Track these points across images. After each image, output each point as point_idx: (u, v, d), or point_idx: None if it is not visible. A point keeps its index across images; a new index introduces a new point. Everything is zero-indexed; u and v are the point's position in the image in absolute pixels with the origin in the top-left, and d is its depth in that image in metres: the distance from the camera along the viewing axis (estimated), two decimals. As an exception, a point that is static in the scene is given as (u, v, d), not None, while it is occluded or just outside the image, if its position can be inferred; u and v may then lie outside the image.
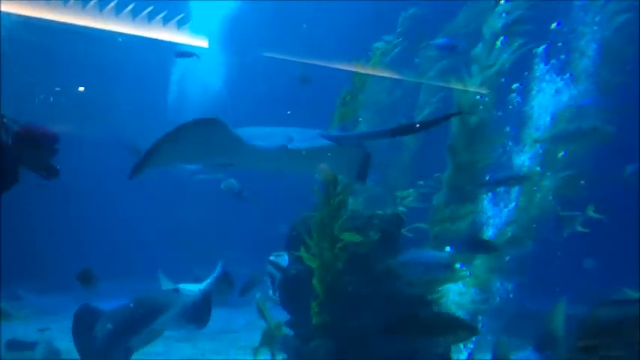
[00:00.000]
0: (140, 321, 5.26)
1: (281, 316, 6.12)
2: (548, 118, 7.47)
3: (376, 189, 7.99)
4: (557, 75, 7.87)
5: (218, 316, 6.63)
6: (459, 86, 6.64)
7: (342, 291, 5.11)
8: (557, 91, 7.76)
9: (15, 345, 8.13)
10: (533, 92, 7.70)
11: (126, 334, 5.21)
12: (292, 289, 5.66)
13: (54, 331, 8.53)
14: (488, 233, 6.53)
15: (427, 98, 9.48)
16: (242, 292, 5.95)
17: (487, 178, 6.22)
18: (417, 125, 5.08)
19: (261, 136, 4.56)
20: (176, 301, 5.44)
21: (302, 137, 4.62)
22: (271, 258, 5.82)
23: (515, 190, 6.94)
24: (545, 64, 7.82)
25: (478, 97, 6.45)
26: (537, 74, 7.80)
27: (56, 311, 12.39)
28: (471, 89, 6.58)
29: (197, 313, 5.30)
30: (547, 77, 7.87)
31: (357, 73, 5.35)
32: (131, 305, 5.39)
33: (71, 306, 13.12)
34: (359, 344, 5.04)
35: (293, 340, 6.08)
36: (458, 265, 5.63)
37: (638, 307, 2.32)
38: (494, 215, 6.62)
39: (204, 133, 4.09)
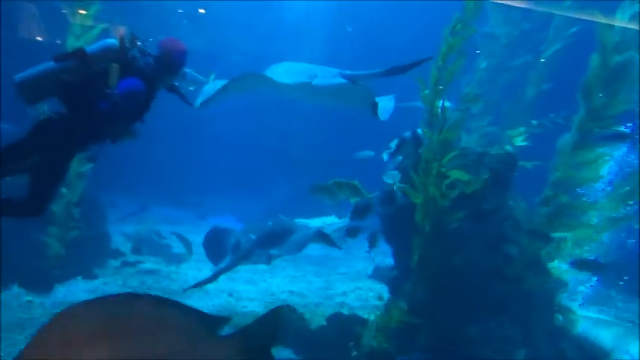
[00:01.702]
0: (278, 236, 6.40)
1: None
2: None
3: (491, 127, 7.54)
4: None
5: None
6: (601, 19, 5.78)
7: (445, 228, 5.00)
8: None
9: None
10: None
11: (266, 243, 6.31)
12: (396, 222, 5.65)
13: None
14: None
15: (558, 32, 8.56)
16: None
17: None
18: (406, 66, 4.94)
19: (290, 72, 5.52)
20: (303, 229, 6.54)
21: (324, 75, 5.43)
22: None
23: None
24: None
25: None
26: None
27: (179, 221, 13.82)
28: (617, 24, 5.69)
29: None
30: None
31: None
32: (270, 224, 6.60)
33: (191, 218, 14.56)
34: (460, 283, 4.97)
35: (392, 272, 6.19)
36: None
37: None
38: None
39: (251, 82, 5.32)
